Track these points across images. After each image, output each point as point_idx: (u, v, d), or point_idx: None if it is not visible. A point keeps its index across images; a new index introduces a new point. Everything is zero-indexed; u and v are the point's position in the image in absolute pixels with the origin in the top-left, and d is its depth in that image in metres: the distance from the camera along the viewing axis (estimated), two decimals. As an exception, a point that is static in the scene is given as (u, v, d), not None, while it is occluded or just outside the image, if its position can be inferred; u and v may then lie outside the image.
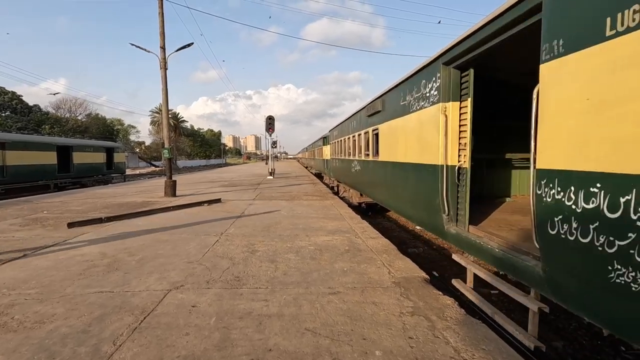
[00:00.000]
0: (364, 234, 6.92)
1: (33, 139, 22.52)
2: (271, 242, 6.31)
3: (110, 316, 3.42)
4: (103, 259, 5.35)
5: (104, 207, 10.81)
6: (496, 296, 5.80)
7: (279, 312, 3.50)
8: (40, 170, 21.37)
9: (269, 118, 23.69)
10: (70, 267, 4.93)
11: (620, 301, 2.34)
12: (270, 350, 2.81)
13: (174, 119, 75.34)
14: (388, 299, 3.80)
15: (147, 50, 14.48)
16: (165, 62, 13.46)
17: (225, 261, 5.17)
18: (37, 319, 3.37)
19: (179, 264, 5.03)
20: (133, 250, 5.83)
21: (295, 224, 7.89)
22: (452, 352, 2.78)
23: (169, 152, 13.73)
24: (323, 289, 4.09)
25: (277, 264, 5.02)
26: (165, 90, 13.60)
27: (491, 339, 3.01)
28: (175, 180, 13.79)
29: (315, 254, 5.52)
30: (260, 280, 4.38)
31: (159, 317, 3.40)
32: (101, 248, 5.97)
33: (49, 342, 2.95)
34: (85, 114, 62.27)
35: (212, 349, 2.82)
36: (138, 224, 8.15)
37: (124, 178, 31.77)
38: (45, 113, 51.77)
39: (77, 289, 4.12)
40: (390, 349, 2.83)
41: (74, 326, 3.22)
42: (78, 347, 2.86)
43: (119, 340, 2.97)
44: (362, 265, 4.96)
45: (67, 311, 3.53)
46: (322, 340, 2.96)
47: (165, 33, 13.43)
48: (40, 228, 7.73)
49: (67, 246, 6.13)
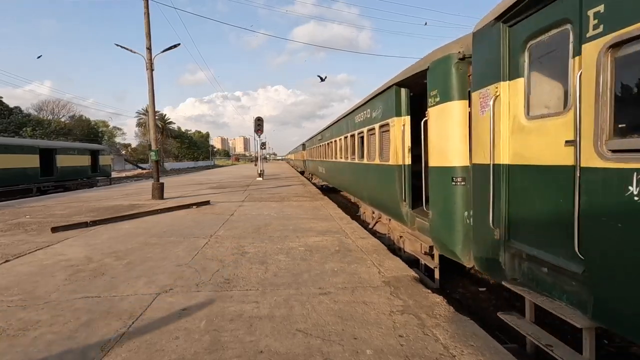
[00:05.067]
0: (354, 234, 6.96)
1: (14, 142, 21.90)
2: (261, 243, 6.29)
3: (98, 322, 3.35)
4: (89, 263, 5.24)
5: (89, 211, 10.59)
6: (484, 294, 5.90)
7: (269, 313, 3.49)
8: (21, 174, 20.77)
9: (258, 119, 23.61)
10: (55, 273, 4.82)
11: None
12: (262, 352, 2.81)
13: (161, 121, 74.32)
14: (378, 298, 3.84)
15: (132, 51, 14.26)
16: (151, 63, 13.27)
17: (215, 264, 5.13)
18: (21, 326, 3.29)
19: (168, 267, 4.97)
20: (120, 254, 5.73)
21: (285, 225, 7.88)
22: (442, 349, 2.82)
23: (156, 154, 13.54)
24: (314, 290, 4.10)
25: (268, 266, 5.01)
26: (152, 91, 13.42)
27: (479, 335, 3.07)
28: (162, 182, 13.61)
29: (306, 255, 5.52)
30: (251, 282, 4.36)
31: (147, 321, 3.35)
32: (87, 252, 5.85)
33: (33, 349, 2.88)
34: (68, 116, 60.87)
35: (202, 352, 2.80)
36: (125, 227, 8.01)
37: (109, 181, 31.13)
38: (26, 115, 50.34)
39: (63, 295, 4.03)
40: (381, 347, 2.86)
41: (59, 333, 3.15)
42: (64, 354, 2.80)
43: (107, 346, 2.92)
44: (352, 266, 4.99)
45: (53, 317, 3.46)
46: (313, 340, 2.97)
47: (151, 34, 13.26)
48: (22, 233, 7.53)
49: (51, 251, 5.99)
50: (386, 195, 6.86)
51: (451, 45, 4.50)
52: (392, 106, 6.36)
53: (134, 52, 14.22)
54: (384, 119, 6.89)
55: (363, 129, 8.76)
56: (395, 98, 6.21)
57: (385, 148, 6.87)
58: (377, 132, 7.38)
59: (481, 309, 5.13)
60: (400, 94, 6.19)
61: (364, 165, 8.79)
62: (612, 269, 2.30)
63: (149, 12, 13.17)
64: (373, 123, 7.73)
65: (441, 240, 4.66)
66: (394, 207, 6.39)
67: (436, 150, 4.69)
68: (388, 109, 6.64)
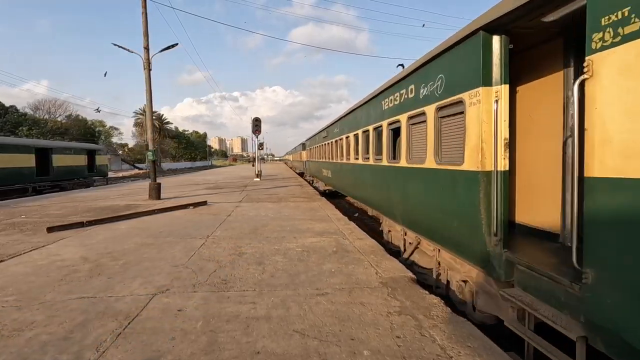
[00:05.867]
0: (352, 235, 6.96)
1: (10, 141, 21.74)
2: (258, 244, 6.27)
3: (93, 322, 3.33)
4: (85, 264, 5.21)
5: (85, 211, 10.52)
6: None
7: (266, 314, 3.48)
8: (17, 174, 20.63)
9: (256, 120, 23.59)
10: (50, 273, 4.79)
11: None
12: (259, 353, 2.79)
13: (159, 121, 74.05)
14: (375, 299, 3.83)
15: (130, 51, 14.23)
16: (149, 63, 13.23)
17: (212, 264, 5.11)
18: (15, 326, 3.26)
19: (164, 268, 4.95)
20: (116, 254, 5.70)
21: (282, 226, 7.87)
22: (439, 350, 2.82)
23: (153, 154, 13.50)
24: (311, 291, 4.09)
25: (265, 266, 5.00)
26: (149, 91, 13.37)
27: (477, 336, 3.07)
28: (159, 182, 13.55)
29: (303, 256, 5.52)
30: (248, 283, 4.35)
31: (143, 322, 3.33)
32: (83, 253, 5.81)
33: (28, 350, 2.85)
34: (65, 115, 60.54)
35: (199, 353, 2.79)
36: (121, 227, 7.97)
37: (106, 181, 31.00)
38: (22, 114, 50.03)
39: (58, 295, 4.00)
40: (378, 348, 2.85)
41: (54, 333, 3.13)
42: (59, 355, 2.77)
43: (102, 346, 2.90)
44: (349, 266, 4.98)
45: (48, 318, 3.43)
46: (310, 341, 2.96)
47: (149, 33, 13.22)
48: (18, 233, 7.47)
49: (46, 251, 5.94)
50: (448, 219, 4.38)
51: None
52: (472, 70, 3.78)
53: (132, 51, 14.18)
54: (448, 95, 4.31)
55: (398, 117, 6.07)
56: (482, 53, 3.61)
57: (451, 142, 4.36)
58: (432, 119, 4.76)
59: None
60: (491, 45, 3.61)
61: (397, 170, 6.21)
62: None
63: (147, 12, 13.14)
64: (421, 105, 5.10)
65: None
66: (466, 242, 3.99)
67: (620, 144, 2.28)
68: (461, 75, 4.03)
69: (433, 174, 4.79)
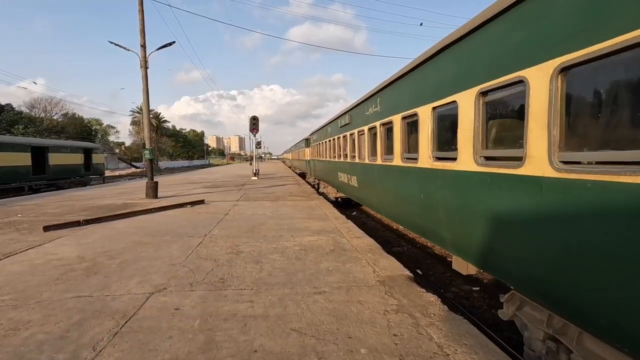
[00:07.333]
0: (349, 234, 6.97)
1: (5, 140, 21.59)
2: (256, 243, 6.27)
3: (90, 321, 3.32)
4: (81, 262, 5.19)
5: (81, 210, 10.48)
6: (477, 292, 5.95)
7: (264, 313, 3.49)
8: (13, 172, 20.51)
9: (253, 118, 23.53)
10: (47, 272, 4.77)
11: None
12: (256, 351, 2.80)
13: (156, 119, 73.85)
14: (373, 298, 3.84)
15: (126, 49, 14.16)
16: (146, 61, 13.17)
17: (209, 263, 5.10)
18: (11, 325, 3.25)
19: (162, 267, 4.94)
20: (113, 253, 5.68)
21: (280, 225, 7.87)
22: (436, 348, 2.84)
23: (150, 152, 13.45)
24: (308, 289, 4.10)
25: (262, 265, 5.00)
26: (146, 89, 13.32)
27: (473, 334, 3.09)
28: (156, 181, 13.51)
29: (301, 254, 5.52)
30: (245, 282, 4.35)
31: (140, 320, 3.33)
32: (79, 252, 5.79)
33: (24, 349, 2.84)
34: (61, 114, 60.17)
35: (196, 352, 2.79)
36: (118, 226, 7.94)
37: (103, 180, 30.85)
38: (18, 112, 49.67)
39: (54, 294, 3.99)
40: (375, 346, 2.86)
41: (51, 332, 3.11)
42: (56, 354, 2.76)
43: (99, 345, 2.89)
44: (347, 265, 4.99)
45: (44, 317, 3.41)
46: (307, 340, 2.97)
47: (145, 31, 13.16)
48: (14, 232, 7.43)
49: (43, 250, 5.92)
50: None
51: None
52: None
53: (128, 49, 14.12)
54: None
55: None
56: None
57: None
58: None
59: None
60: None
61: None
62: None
63: (143, 9, 13.07)
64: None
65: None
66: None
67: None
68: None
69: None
